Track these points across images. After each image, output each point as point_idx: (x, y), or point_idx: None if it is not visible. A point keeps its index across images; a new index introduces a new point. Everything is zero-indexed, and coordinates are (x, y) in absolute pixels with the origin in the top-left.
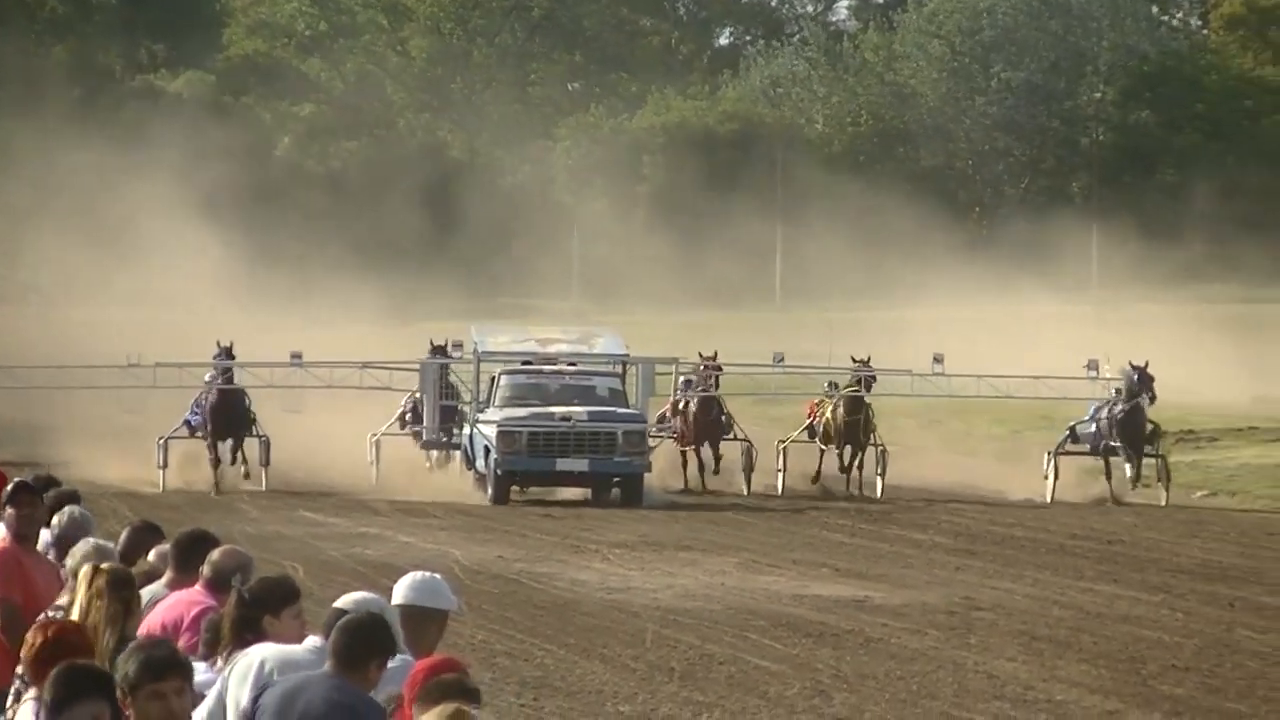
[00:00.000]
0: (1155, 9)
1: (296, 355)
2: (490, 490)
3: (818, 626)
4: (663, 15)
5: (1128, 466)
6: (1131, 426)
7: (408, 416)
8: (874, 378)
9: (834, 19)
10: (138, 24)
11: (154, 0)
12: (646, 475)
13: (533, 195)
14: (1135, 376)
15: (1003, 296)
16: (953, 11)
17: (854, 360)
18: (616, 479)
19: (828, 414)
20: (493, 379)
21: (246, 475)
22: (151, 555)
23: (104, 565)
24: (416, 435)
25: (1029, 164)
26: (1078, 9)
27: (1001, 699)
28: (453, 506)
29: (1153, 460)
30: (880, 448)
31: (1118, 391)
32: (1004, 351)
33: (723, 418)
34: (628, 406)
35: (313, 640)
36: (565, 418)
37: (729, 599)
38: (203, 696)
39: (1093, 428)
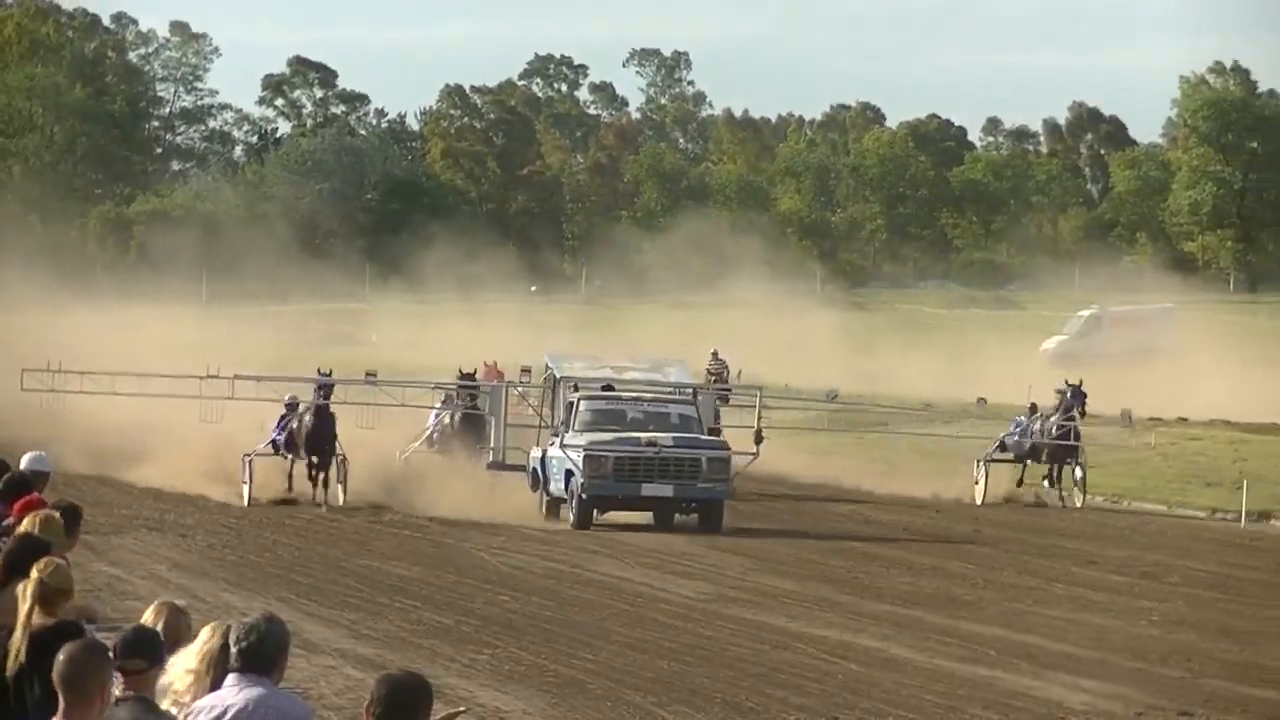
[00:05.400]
0: (398, 148)
1: (371, 374)
2: (574, 515)
3: None
4: (137, 149)
5: (1067, 470)
6: (1064, 437)
7: (434, 436)
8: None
9: (234, 153)
10: None
11: None
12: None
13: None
14: (1069, 393)
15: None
16: (305, 149)
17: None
18: (693, 504)
19: None
20: (570, 404)
21: (325, 484)
22: None
23: None
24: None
25: (346, 233)
26: (359, 150)
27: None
28: None
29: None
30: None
31: (1033, 408)
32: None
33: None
34: (703, 433)
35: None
36: (651, 443)
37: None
38: None
39: (1016, 438)
